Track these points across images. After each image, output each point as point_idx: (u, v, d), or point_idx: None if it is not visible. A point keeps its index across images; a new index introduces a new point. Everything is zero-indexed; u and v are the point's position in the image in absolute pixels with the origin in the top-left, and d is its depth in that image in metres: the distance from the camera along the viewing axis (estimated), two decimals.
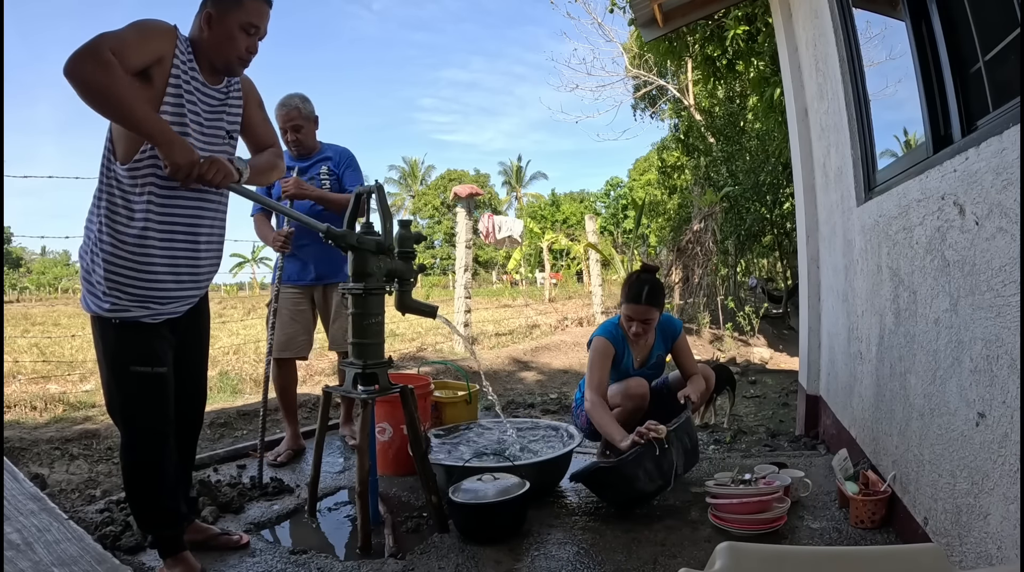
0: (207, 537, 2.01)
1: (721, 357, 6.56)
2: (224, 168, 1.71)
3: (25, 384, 4.76)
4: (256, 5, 1.80)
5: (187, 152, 1.63)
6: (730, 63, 5.87)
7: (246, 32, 1.79)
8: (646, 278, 2.63)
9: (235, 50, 1.79)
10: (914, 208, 1.79)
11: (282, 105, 2.95)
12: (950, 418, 1.55)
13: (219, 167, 1.70)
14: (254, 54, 1.85)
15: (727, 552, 0.92)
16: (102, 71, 1.49)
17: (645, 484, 2.20)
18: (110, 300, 1.71)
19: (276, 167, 2.03)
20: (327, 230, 2.00)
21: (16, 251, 44.99)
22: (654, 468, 2.19)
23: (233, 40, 1.77)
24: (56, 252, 54.29)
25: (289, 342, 3.04)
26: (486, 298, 18.04)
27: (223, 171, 1.71)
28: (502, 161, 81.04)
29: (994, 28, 1.48)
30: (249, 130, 1.98)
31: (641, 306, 2.58)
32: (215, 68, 1.81)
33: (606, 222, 36.95)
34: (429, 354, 6.30)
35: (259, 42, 1.85)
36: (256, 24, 1.80)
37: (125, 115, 1.56)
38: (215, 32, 1.76)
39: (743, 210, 8.32)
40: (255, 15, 1.79)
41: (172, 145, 1.60)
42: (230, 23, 1.76)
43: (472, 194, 6.52)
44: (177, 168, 1.62)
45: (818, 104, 3.14)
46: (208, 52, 1.78)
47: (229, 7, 1.76)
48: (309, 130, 3.02)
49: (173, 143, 1.61)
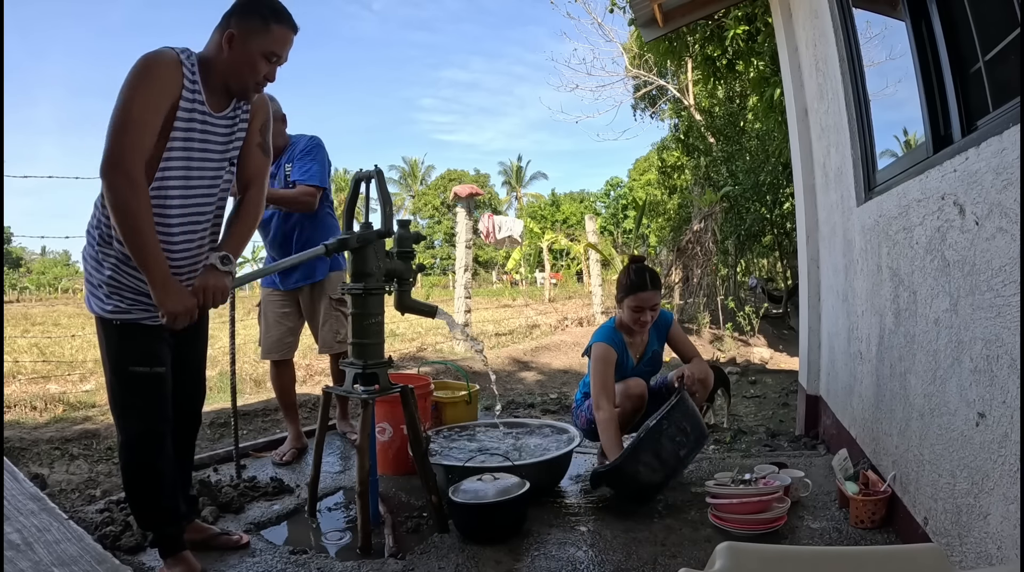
0: (207, 537, 2.01)
1: (721, 357, 6.56)
2: (220, 293, 1.72)
3: (25, 384, 4.76)
4: (283, 33, 1.72)
5: (182, 299, 1.64)
6: (730, 63, 5.87)
7: (267, 60, 1.72)
8: (642, 266, 2.66)
9: (254, 76, 1.72)
10: (914, 208, 1.78)
11: None
12: (950, 418, 1.55)
13: (214, 293, 1.71)
14: (271, 81, 1.78)
15: (727, 552, 0.92)
16: (131, 193, 1.56)
17: (649, 476, 2.22)
18: (112, 302, 1.71)
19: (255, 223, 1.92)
20: (327, 249, 2.01)
21: (16, 251, 44.98)
22: (653, 459, 2.21)
23: (254, 67, 1.70)
24: (56, 252, 54.29)
25: (277, 344, 3.04)
26: (486, 298, 18.04)
27: (220, 294, 1.72)
28: (502, 161, 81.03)
29: (994, 28, 1.48)
30: (242, 155, 1.86)
31: (648, 292, 2.58)
32: (228, 90, 1.74)
33: (606, 222, 36.95)
34: (429, 354, 6.30)
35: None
36: (279, 53, 1.73)
37: (138, 243, 1.59)
38: (235, 55, 1.69)
39: (743, 210, 8.32)
40: (280, 44, 1.72)
41: (168, 292, 1.62)
42: (252, 49, 1.69)
43: (472, 194, 6.52)
44: (173, 317, 1.64)
45: (818, 104, 3.14)
46: (224, 74, 1.71)
47: (254, 32, 1.68)
48: (277, 129, 2.89)
49: (169, 290, 1.62)
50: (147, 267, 1.61)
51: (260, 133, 1.89)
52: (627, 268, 2.69)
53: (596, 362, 2.61)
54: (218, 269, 1.74)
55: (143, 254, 1.60)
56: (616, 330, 2.70)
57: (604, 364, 2.60)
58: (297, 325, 3.12)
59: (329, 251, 2.01)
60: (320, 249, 2.01)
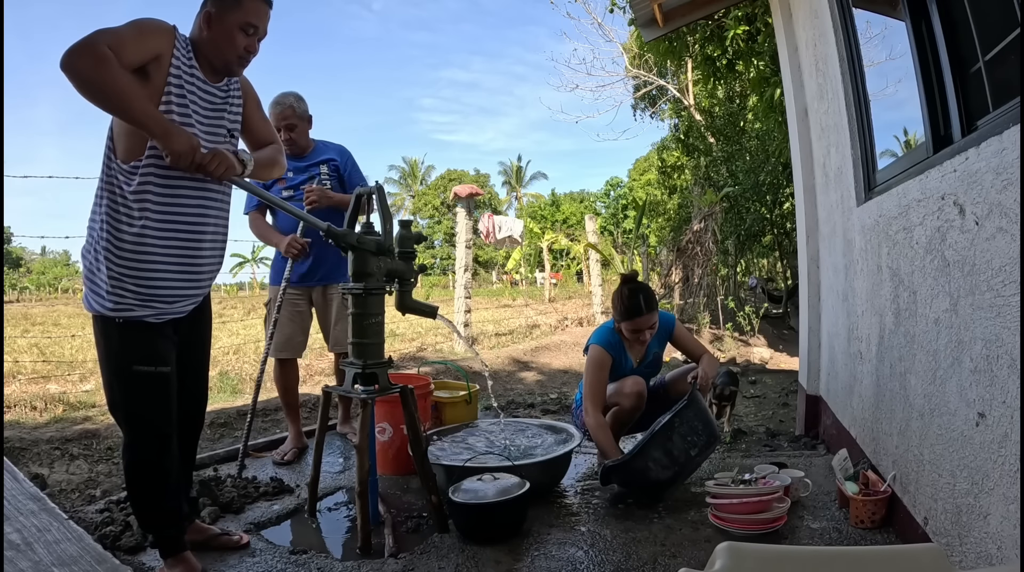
0: (207, 537, 2.01)
1: (721, 357, 6.55)
2: (226, 160, 1.73)
3: (25, 384, 4.76)
4: (255, 5, 1.80)
5: (185, 139, 1.63)
6: (730, 63, 5.86)
7: (245, 32, 1.79)
8: (634, 287, 2.61)
9: (234, 50, 1.79)
10: (914, 208, 1.78)
11: (276, 104, 2.94)
12: (950, 418, 1.55)
13: (221, 159, 1.71)
14: (254, 54, 1.85)
15: (727, 552, 0.92)
16: (98, 65, 1.51)
17: (659, 473, 2.23)
18: (113, 299, 1.70)
19: (278, 163, 2.04)
20: (328, 229, 2.00)
21: (16, 251, 44.98)
22: (663, 456, 2.22)
23: (232, 40, 1.77)
24: (56, 252, 54.34)
25: (287, 342, 3.05)
26: (486, 298, 18.04)
27: (225, 163, 1.72)
28: (502, 161, 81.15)
29: (994, 28, 1.48)
30: (249, 129, 1.98)
31: (644, 316, 2.57)
32: (215, 68, 1.81)
33: (606, 222, 36.93)
34: (429, 354, 6.30)
35: (259, 42, 1.85)
36: (255, 24, 1.80)
37: (122, 107, 1.57)
38: (214, 31, 1.76)
39: (743, 210, 8.31)
40: (254, 15, 1.79)
41: (169, 134, 1.61)
42: (229, 23, 1.76)
43: (472, 194, 6.52)
44: (178, 156, 1.62)
45: (818, 104, 3.14)
46: (207, 51, 1.78)
47: (228, 7, 1.76)
48: (303, 129, 3.01)
49: (170, 132, 1.61)
50: (145, 123, 1.59)
51: (258, 110, 2.02)
52: (619, 291, 2.64)
53: (589, 366, 2.61)
54: (237, 155, 1.82)
55: (132, 114, 1.58)
56: (615, 332, 2.69)
57: (597, 369, 2.59)
58: (308, 324, 3.15)
59: (328, 233, 2.01)
60: (324, 225, 2.02)
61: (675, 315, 2.96)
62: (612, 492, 2.44)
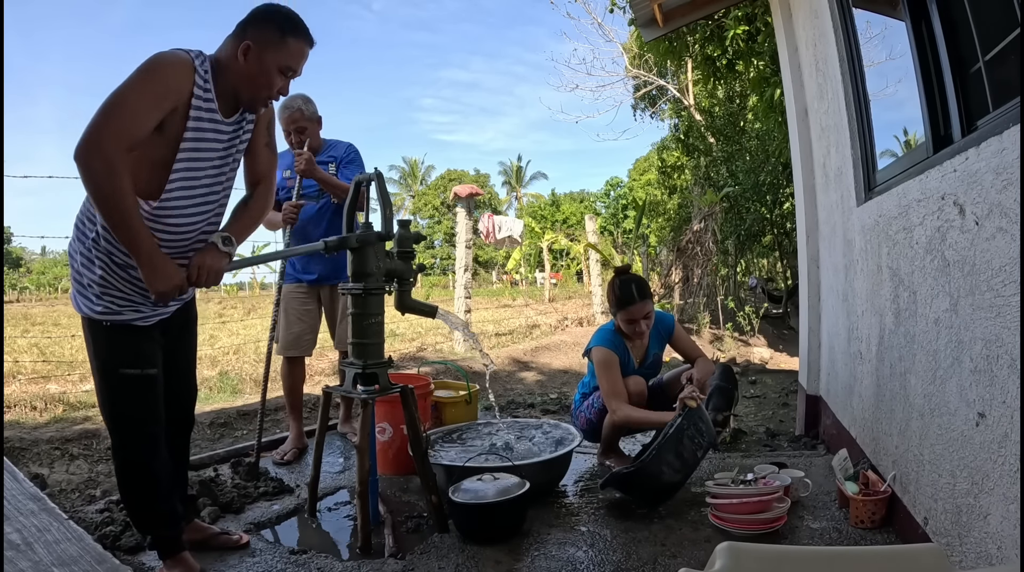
0: (207, 537, 2.01)
1: (721, 357, 6.55)
2: (214, 274, 1.70)
3: (25, 384, 4.75)
4: (299, 46, 1.71)
5: (167, 278, 1.60)
6: (730, 63, 5.87)
7: (283, 74, 1.70)
8: (627, 278, 2.65)
9: (267, 91, 1.70)
10: (914, 208, 1.78)
11: (285, 107, 2.94)
12: (950, 418, 1.55)
13: (204, 272, 1.68)
14: (284, 95, 1.76)
15: (727, 552, 0.92)
16: (109, 176, 1.49)
17: (672, 476, 2.24)
18: (103, 303, 1.69)
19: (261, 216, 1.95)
20: (325, 246, 2.00)
21: (16, 251, 44.95)
22: (675, 459, 2.23)
23: (269, 80, 1.68)
24: (56, 252, 54.23)
25: (297, 341, 3.07)
26: (486, 298, 18.04)
27: (213, 275, 1.70)
28: (502, 161, 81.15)
29: (994, 28, 1.48)
30: (248, 155, 1.87)
31: (637, 304, 2.59)
32: (237, 99, 1.71)
33: (606, 222, 36.93)
34: (429, 354, 6.30)
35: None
36: (294, 67, 1.72)
37: (117, 223, 1.53)
38: (250, 66, 1.66)
39: (743, 210, 8.31)
40: (295, 58, 1.71)
41: (154, 269, 1.58)
42: (268, 62, 1.66)
43: (472, 194, 6.52)
44: (159, 295, 1.61)
45: (818, 104, 3.14)
46: (236, 83, 1.68)
47: (270, 44, 1.66)
48: (313, 131, 3.00)
49: (155, 268, 1.58)
50: (132, 247, 1.56)
51: (267, 132, 1.90)
52: (612, 282, 2.68)
53: (601, 368, 2.61)
54: (218, 249, 1.72)
55: (126, 235, 1.55)
56: (616, 333, 2.70)
57: (608, 368, 2.60)
58: (316, 323, 3.15)
59: (328, 248, 2.00)
60: (319, 245, 2.01)
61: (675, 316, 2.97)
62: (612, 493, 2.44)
